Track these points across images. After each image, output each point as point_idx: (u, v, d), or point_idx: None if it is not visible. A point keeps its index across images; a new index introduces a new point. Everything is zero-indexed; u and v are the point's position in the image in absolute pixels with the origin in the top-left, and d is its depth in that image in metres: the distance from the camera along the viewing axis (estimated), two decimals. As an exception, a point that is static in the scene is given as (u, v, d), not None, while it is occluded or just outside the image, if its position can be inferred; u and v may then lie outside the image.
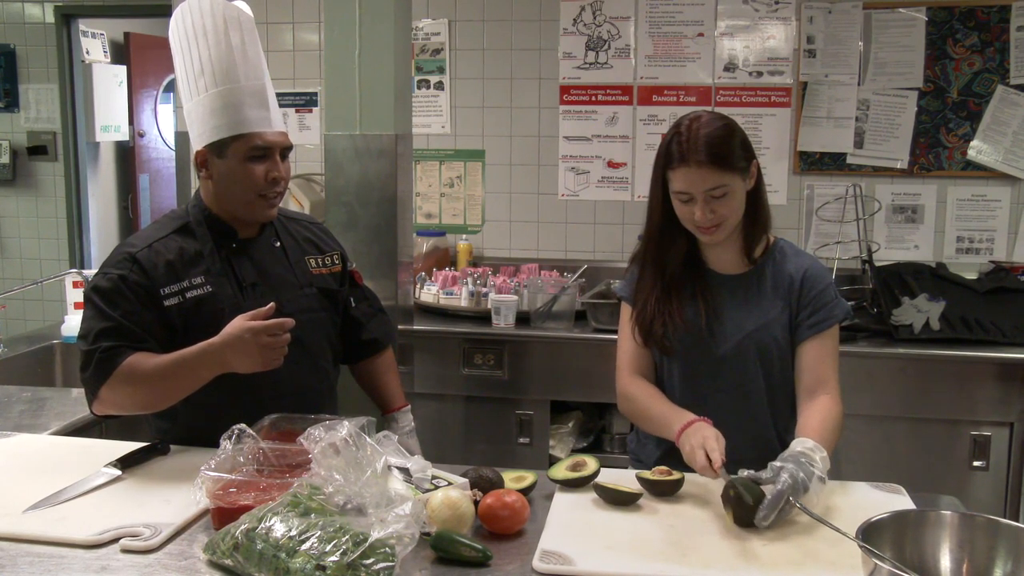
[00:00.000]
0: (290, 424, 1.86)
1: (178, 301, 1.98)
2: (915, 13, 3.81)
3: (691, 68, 3.98)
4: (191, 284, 2.00)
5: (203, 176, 2.05)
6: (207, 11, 2.01)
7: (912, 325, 3.28)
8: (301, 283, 2.15)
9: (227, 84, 1.99)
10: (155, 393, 1.94)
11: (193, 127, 2.03)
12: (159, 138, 6.51)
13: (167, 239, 2.03)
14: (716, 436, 1.78)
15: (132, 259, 1.98)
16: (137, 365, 1.91)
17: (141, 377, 1.91)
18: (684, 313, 2.00)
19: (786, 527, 1.65)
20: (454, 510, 1.58)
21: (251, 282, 2.06)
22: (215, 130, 1.99)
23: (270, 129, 2.02)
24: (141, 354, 1.93)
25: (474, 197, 4.19)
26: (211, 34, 2.00)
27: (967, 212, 3.88)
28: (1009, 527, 1.40)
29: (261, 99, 2.02)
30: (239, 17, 2.02)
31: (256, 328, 1.84)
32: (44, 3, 5.39)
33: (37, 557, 1.50)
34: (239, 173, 2.00)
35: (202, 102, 2.00)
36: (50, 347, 3.20)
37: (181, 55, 2.05)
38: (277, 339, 1.86)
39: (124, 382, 1.91)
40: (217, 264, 2.04)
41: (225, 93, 1.99)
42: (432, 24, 4.12)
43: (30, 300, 5.28)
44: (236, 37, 2.01)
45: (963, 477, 3.21)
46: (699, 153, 1.86)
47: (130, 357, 1.91)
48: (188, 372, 1.91)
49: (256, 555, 1.40)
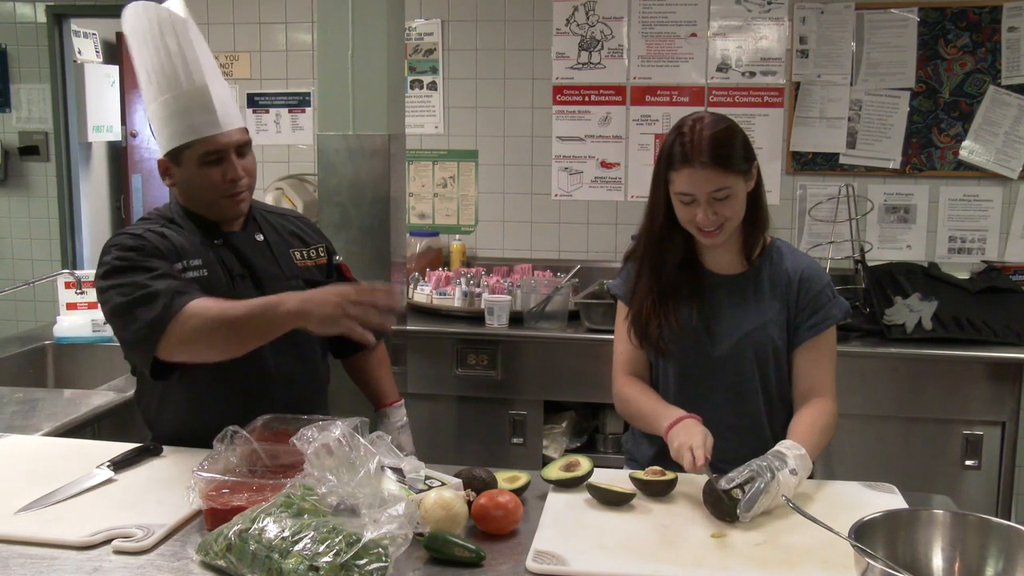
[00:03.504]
0: (283, 425, 1.86)
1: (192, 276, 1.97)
2: (907, 14, 3.82)
3: (684, 68, 3.98)
4: (190, 265, 1.98)
5: (167, 183, 2.05)
6: (142, 17, 1.99)
7: (904, 325, 3.29)
8: (287, 275, 2.13)
9: (171, 91, 1.97)
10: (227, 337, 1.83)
11: (155, 136, 2.03)
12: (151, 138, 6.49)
13: (159, 231, 2.01)
14: (703, 435, 1.79)
15: (140, 236, 1.95)
16: (203, 307, 1.82)
17: (217, 312, 1.82)
18: (680, 315, 2.00)
19: (779, 527, 1.65)
20: (447, 510, 1.58)
21: (239, 273, 2.05)
22: (168, 139, 1.99)
23: (219, 131, 1.98)
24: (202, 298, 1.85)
25: (467, 197, 4.19)
26: (150, 41, 1.98)
27: (959, 212, 3.89)
28: (1001, 526, 1.41)
29: (204, 102, 1.98)
30: (171, 19, 1.99)
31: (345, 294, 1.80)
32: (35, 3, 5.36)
33: (29, 558, 1.50)
34: (197, 179, 2.00)
35: (155, 111, 2.00)
36: (42, 348, 3.19)
37: (136, 64, 2.03)
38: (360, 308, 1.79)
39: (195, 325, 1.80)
40: (208, 254, 2.03)
41: (170, 101, 1.97)
42: (425, 24, 4.12)
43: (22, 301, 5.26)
44: (172, 41, 1.98)
45: (955, 476, 3.22)
46: (703, 154, 1.85)
47: (193, 301, 1.83)
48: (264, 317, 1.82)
49: (249, 556, 1.40)
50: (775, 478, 1.66)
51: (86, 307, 3.25)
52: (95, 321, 3.19)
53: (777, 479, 1.67)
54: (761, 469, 1.68)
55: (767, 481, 1.65)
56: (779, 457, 1.73)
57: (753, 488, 1.64)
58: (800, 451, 1.76)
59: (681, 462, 1.77)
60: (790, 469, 1.71)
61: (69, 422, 2.35)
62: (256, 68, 4.26)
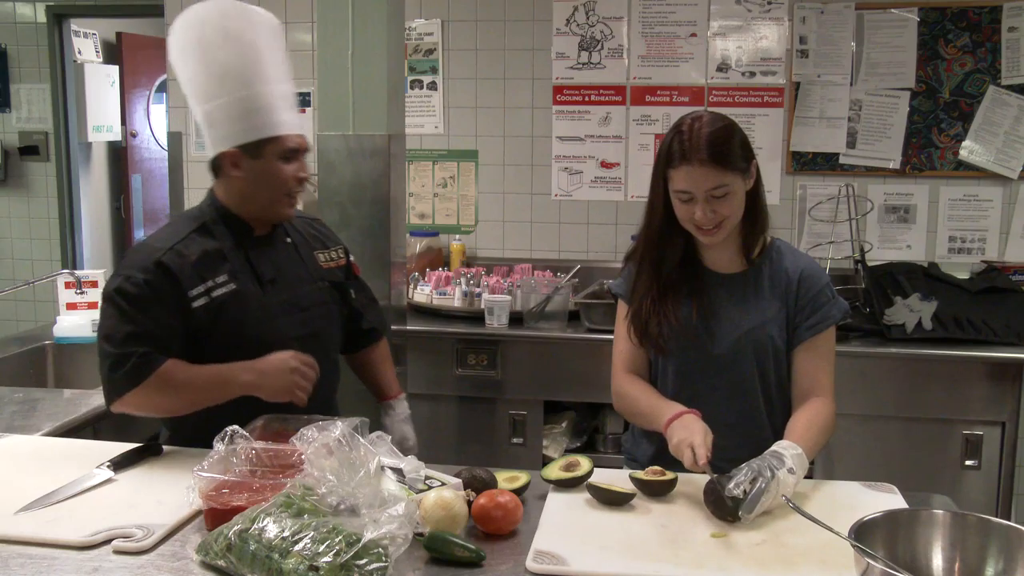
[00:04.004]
0: (283, 425, 1.86)
1: (205, 302, 2.00)
2: (907, 14, 3.82)
3: (684, 68, 3.98)
4: (216, 283, 2.02)
5: (232, 175, 2.05)
6: (230, 14, 2.05)
7: (904, 325, 3.29)
8: (313, 277, 2.21)
9: (258, 87, 2.02)
10: (183, 402, 1.99)
11: (216, 127, 2.04)
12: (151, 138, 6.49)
13: (188, 240, 2.04)
14: (703, 431, 1.79)
15: (158, 264, 1.97)
16: (172, 374, 1.94)
17: (174, 386, 1.95)
18: (680, 313, 2.00)
19: (778, 527, 1.65)
20: (447, 510, 1.58)
21: (270, 278, 2.11)
22: (249, 131, 2.02)
23: (299, 131, 2.09)
24: (173, 362, 1.95)
25: (467, 197, 4.19)
26: (235, 37, 2.02)
27: (959, 212, 3.89)
28: (1001, 526, 1.41)
29: (291, 103, 2.09)
30: (264, 21, 2.08)
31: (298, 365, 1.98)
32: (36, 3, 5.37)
33: (29, 558, 1.50)
34: (272, 173, 2.05)
35: (229, 104, 2.01)
36: (42, 348, 3.19)
37: (196, 57, 2.04)
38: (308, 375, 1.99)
39: (157, 389, 1.94)
40: (238, 262, 2.07)
41: (256, 96, 2.02)
42: (425, 24, 4.12)
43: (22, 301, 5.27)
44: (262, 40, 2.05)
45: (955, 476, 3.22)
46: (701, 152, 1.86)
47: (165, 364, 1.94)
48: (219, 388, 1.98)
49: (249, 556, 1.40)
50: (775, 477, 1.67)
51: (86, 307, 3.25)
52: (95, 321, 3.19)
53: (777, 478, 1.67)
54: (761, 469, 1.68)
55: (767, 481, 1.65)
56: (776, 457, 1.73)
57: (755, 489, 1.64)
58: (797, 450, 1.77)
59: (680, 458, 1.77)
60: (788, 468, 1.71)
61: (69, 422, 2.35)
62: (256, 68, 4.25)
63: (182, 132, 4.34)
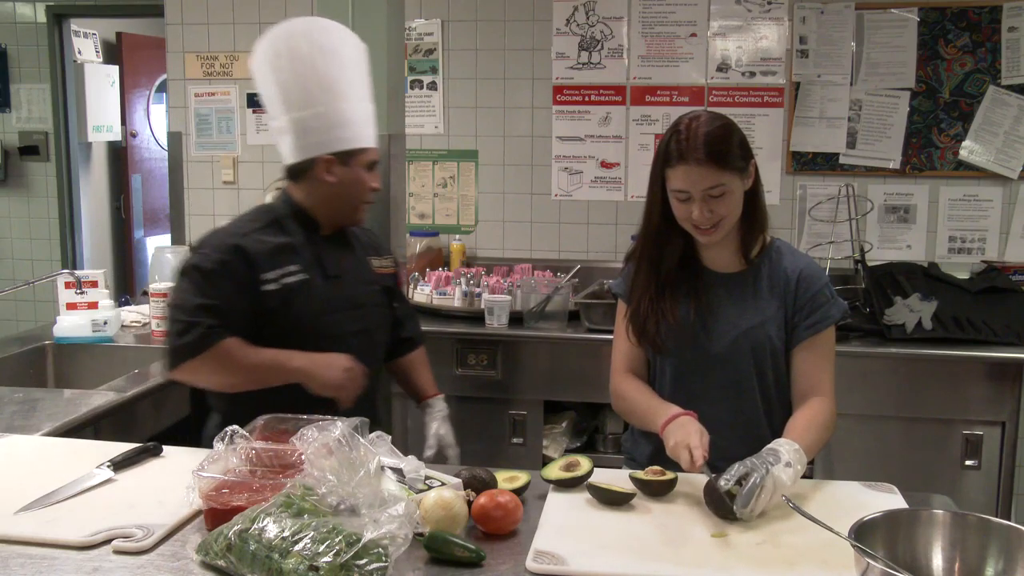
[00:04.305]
0: (283, 425, 1.86)
1: (275, 287, 2.12)
2: (907, 14, 3.82)
3: (684, 68, 3.98)
4: (288, 272, 2.15)
5: (322, 179, 2.18)
6: (329, 30, 2.23)
7: (904, 325, 3.29)
8: (369, 280, 2.35)
9: (353, 101, 2.20)
10: (237, 380, 2.11)
11: (308, 135, 2.17)
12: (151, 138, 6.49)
13: (264, 230, 2.18)
14: (699, 432, 1.79)
15: (236, 246, 2.11)
16: (232, 350, 2.07)
17: (232, 363, 2.08)
18: (678, 312, 2.00)
19: (779, 527, 1.65)
20: (447, 510, 1.58)
21: (334, 274, 2.24)
22: (343, 140, 2.18)
23: (377, 145, 2.28)
24: (235, 339, 2.08)
25: (467, 197, 4.19)
26: (331, 52, 2.18)
27: (959, 212, 3.89)
28: (1001, 526, 1.41)
29: (372, 117, 2.27)
30: (356, 42, 2.27)
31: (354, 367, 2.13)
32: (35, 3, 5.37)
33: (29, 558, 1.50)
34: (358, 181, 2.22)
35: (326, 113, 2.16)
36: (42, 348, 3.19)
37: (292, 67, 2.17)
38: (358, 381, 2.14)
39: (215, 362, 2.07)
40: (308, 256, 2.20)
41: (351, 109, 2.19)
42: (425, 24, 4.12)
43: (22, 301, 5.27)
44: (355, 58, 2.25)
45: (955, 476, 3.22)
46: (698, 151, 1.86)
47: (227, 340, 2.07)
48: (274, 372, 2.11)
49: (249, 556, 1.40)
50: (769, 473, 1.67)
51: (86, 307, 3.25)
52: (95, 321, 3.19)
53: (772, 474, 1.67)
54: (755, 465, 1.68)
55: (763, 475, 1.65)
56: (772, 453, 1.73)
57: (749, 483, 1.64)
58: (794, 446, 1.76)
59: (677, 460, 1.77)
60: (784, 463, 1.71)
61: (69, 422, 2.34)
62: (256, 68, 4.25)
63: (182, 132, 4.34)
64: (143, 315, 3.43)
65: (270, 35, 2.22)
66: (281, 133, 2.21)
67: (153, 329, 3.26)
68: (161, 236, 6.11)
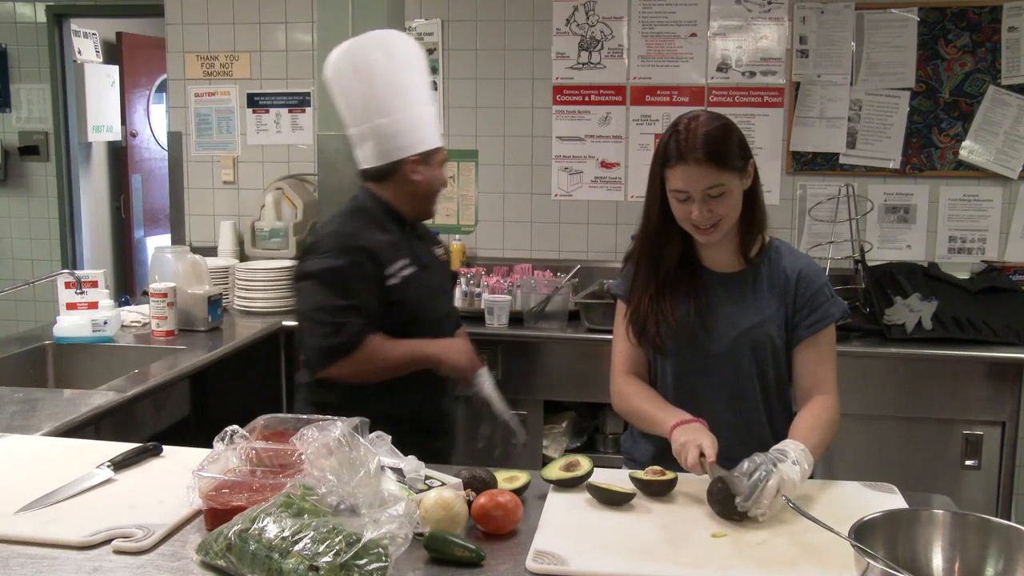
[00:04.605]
0: (283, 425, 1.86)
1: (396, 281, 2.33)
2: (907, 14, 3.82)
3: (684, 68, 3.98)
4: (403, 265, 2.36)
5: (411, 178, 2.38)
6: (399, 40, 2.46)
7: (904, 325, 3.29)
8: (442, 267, 2.65)
9: (427, 104, 2.43)
10: (381, 373, 2.31)
11: (396, 138, 2.36)
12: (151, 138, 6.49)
13: (370, 229, 2.35)
14: (712, 441, 1.79)
15: (361, 248, 2.30)
16: (379, 347, 2.28)
17: (381, 358, 2.29)
18: (677, 312, 2.00)
19: (779, 527, 1.65)
20: (447, 510, 1.58)
21: (425, 264, 2.45)
22: (424, 141, 2.39)
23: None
24: (380, 336, 2.28)
25: (467, 197, 4.19)
26: (404, 60, 2.40)
27: (959, 212, 3.89)
28: (1001, 526, 1.40)
29: (437, 120, 2.53)
30: (419, 50, 2.50)
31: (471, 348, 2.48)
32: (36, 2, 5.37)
33: (29, 558, 1.50)
34: (437, 177, 2.44)
35: (409, 118, 2.37)
36: (42, 348, 3.19)
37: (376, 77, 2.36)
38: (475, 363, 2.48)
39: (365, 359, 2.26)
40: (407, 249, 2.40)
41: (427, 112, 2.42)
42: (425, 24, 4.12)
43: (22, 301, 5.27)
44: (422, 65, 2.48)
45: (955, 476, 3.22)
46: (697, 151, 1.86)
47: (374, 337, 2.27)
48: (410, 361, 2.33)
49: (249, 556, 1.40)
50: (776, 469, 1.67)
51: (86, 307, 3.25)
52: (95, 321, 3.19)
53: (779, 470, 1.67)
54: (763, 461, 1.68)
55: (769, 470, 1.65)
56: (780, 451, 1.73)
57: (753, 478, 1.64)
58: (800, 446, 1.77)
59: (683, 456, 1.77)
60: (791, 461, 1.71)
61: (69, 422, 2.34)
62: (256, 68, 4.26)
63: (182, 132, 4.34)
64: (143, 315, 3.42)
65: (345, 51, 2.39)
66: (363, 139, 2.39)
67: (153, 329, 3.26)
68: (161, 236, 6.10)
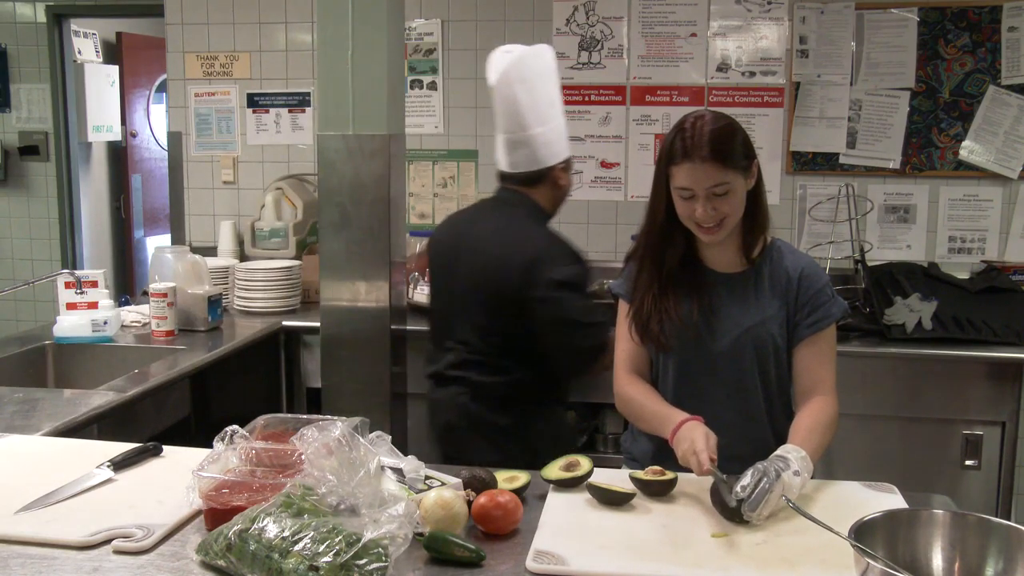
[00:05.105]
0: (283, 425, 1.86)
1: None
2: (907, 14, 3.82)
3: (684, 68, 3.98)
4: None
5: (559, 183, 2.62)
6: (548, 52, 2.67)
7: (904, 325, 3.29)
8: None
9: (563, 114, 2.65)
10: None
11: (550, 145, 2.58)
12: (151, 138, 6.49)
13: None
14: (706, 436, 1.79)
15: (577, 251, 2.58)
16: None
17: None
18: (680, 310, 2.01)
19: (779, 527, 1.65)
20: (447, 510, 1.58)
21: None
22: (567, 149, 2.64)
23: None
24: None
25: (467, 197, 4.19)
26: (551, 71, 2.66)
27: (959, 212, 3.89)
28: (1001, 526, 1.41)
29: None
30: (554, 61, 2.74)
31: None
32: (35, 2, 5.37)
33: (29, 558, 1.50)
34: (570, 182, 2.69)
35: (558, 127, 2.60)
36: (42, 348, 3.19)
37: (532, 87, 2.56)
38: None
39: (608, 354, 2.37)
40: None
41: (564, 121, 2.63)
42: (425, 24, 4.12)
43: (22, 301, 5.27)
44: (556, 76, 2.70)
45: (955, 476, 3.22)
46: (702, 149, 1.87)
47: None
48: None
49: (249, 556, 1.40)
50: (779, 479, 1.67)
51: (86, 307, 3.25)
52: (95, 321, 3.19)
53: (782, 480, 1.67)
54: (766, 470, 1.68)
55: (772, 481, 1.65)
56: (782, 460, 1.74)
57: (758, 488, 1.64)
58: (801, 453, 1.77)
59: (689, 466, 1.77)
60: (793, 471, 1.71)
61: (69, 422, 2.34)
62: (256, 68, 4.26)
63: (182, 132, 4.34)
64: (143, 315, 3.42)
65: (513, 61, 2.55)
66: (518, 145, 2.55)
67: (153, 329, 3.26)
68: (161, 236, 6.10)
